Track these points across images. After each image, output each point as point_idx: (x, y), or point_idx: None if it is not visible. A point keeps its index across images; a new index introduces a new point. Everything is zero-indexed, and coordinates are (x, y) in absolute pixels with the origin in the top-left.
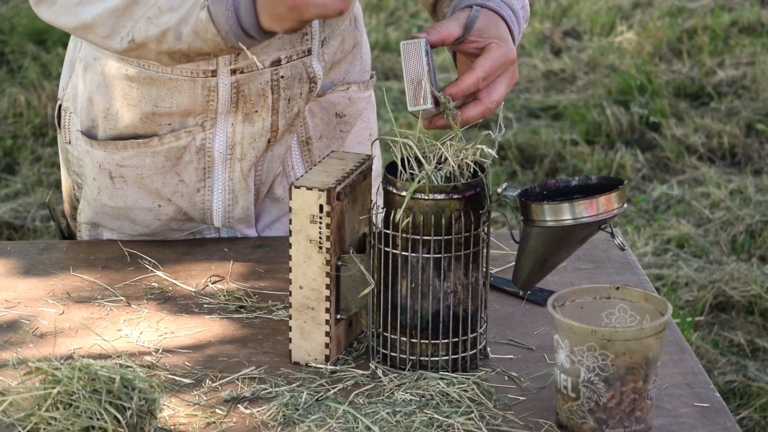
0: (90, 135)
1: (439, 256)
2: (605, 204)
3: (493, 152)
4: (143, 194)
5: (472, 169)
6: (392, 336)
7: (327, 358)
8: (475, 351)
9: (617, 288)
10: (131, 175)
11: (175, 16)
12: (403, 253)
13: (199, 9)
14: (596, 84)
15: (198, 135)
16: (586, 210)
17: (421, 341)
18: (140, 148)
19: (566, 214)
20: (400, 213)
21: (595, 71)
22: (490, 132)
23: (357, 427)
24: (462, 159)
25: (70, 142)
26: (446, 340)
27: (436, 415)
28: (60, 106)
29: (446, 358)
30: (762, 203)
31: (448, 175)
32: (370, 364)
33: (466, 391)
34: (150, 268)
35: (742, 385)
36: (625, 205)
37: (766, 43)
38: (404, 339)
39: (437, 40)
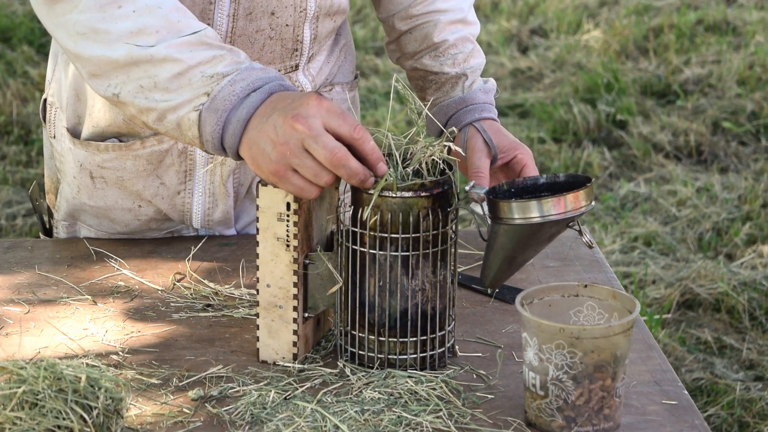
0: (74, 132)
1: (407, 253)
2: (573, 201)
3: (461, 150)
4: (123, 195)
5: (440, 167)
6: (360, 334)
7: (295, 357)
8: (443, 349)
9: (585, 286)
10: (112, 177)
11: (166, 103)
12: (371, 251)
13: (191, 109)
14: (563, 82)
15: None
16: (554, 207)
17: (390, 339)
18: (122, 150)
19: (534, 211)
20: (368, 211)
21: (562, 69)
22: (454, 128)
23: (325, 426)
24: (429, 156)
25: (54, 137)
26: (414, 338)
27: (404, 414)
28: (45, 100)
29: (414, 356)
30: (728, 201)
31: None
32: (339, 363)
33: (434, 389)
34: (116, 266)
35: (709, 382)
36: (593, 203)
37: (731, 41)
38: (372, 337)
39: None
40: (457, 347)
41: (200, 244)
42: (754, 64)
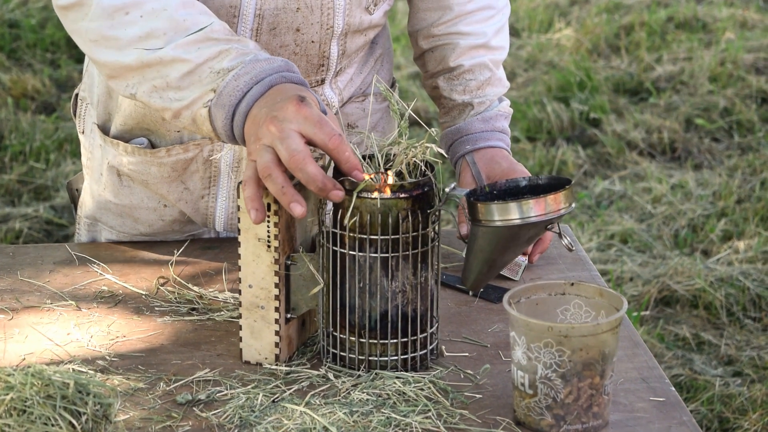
0: (104, 129)
1: (387, 255)
2: (553, 203)
3: (442, 150)
4: (149, 194)
5: (421, 168)
6: (341, 336)
7: (277, 358)
8: (425, 351)
9: (572, 284)
10: (137, 179)
11: (179, 102)
12: (351, 252)
13: (201, 105)
14: (536, 81)
15: (206, 147)
16: (533, 209)
17: (370, 341)
18: (147, 156)
19: (514, 213)
20: (348, 213)
21: (535, 68)
22: (435, 129)
23: (314, 428)
24: (410, 157)
25: (83, 132)
26: (395, 340)
27: (393, 415)
28: (77, 95)
29: (396, 358)
30: (703, 197)
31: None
32: (322, 368)
33: (422, 389)
34: (99, 271)
35: (688, 378)
36: (574, 205)
37: (702, 38)
38: (354, 339)
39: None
40: (443, 347)
41: (182, 247)
42: (725, 61)
